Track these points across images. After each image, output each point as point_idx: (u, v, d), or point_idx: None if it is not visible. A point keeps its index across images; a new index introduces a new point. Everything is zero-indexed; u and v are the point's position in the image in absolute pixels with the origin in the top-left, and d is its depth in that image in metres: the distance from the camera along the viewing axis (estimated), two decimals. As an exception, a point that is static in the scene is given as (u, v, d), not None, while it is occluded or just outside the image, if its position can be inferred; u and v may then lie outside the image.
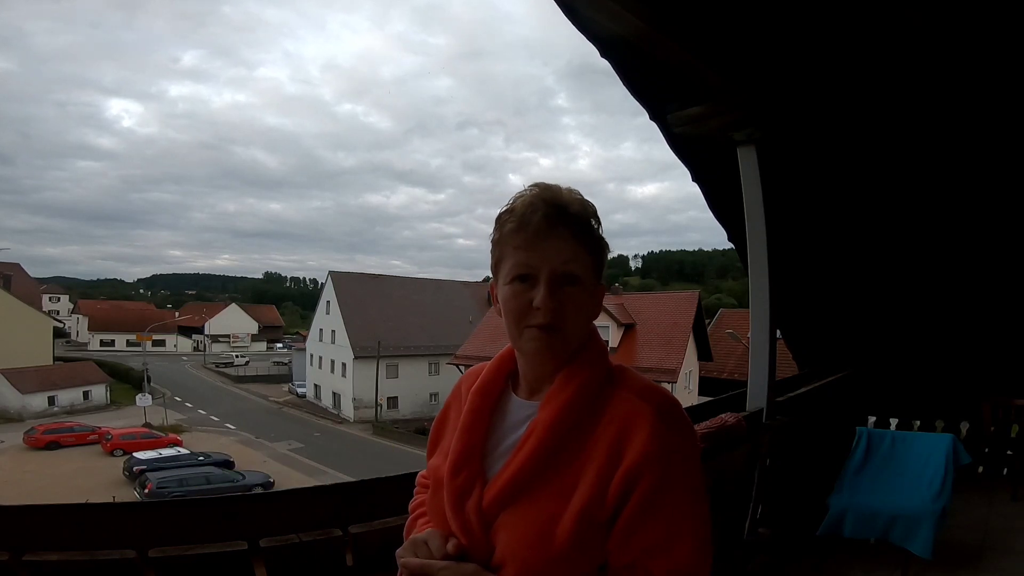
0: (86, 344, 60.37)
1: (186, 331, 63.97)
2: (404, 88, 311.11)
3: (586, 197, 0.87)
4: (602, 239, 0.88)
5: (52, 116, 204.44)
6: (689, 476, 0.81)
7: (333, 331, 35.46)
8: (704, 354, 22.09)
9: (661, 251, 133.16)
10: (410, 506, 1.05)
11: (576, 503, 0.78)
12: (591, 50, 2.58)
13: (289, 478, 20.39)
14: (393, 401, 33.28)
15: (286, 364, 48.13)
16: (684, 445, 0.82)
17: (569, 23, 2.36)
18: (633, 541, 0.79)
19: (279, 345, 68.49)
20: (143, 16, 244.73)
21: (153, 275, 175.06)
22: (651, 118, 3.02)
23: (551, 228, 0.82)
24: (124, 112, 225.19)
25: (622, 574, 0.80)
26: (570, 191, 0.87)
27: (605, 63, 2.67)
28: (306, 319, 54.93)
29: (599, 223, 0.88)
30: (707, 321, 23.27)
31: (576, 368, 0.86)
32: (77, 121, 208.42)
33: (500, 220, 0.87)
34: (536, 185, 0.87)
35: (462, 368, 24.44)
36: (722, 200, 3.60)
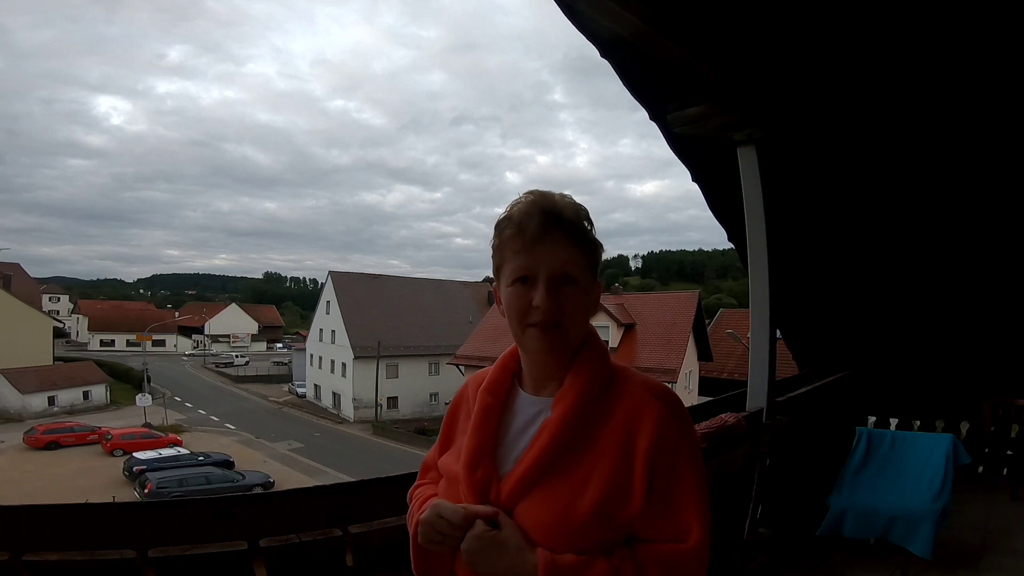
0: (86, 344, 60.30)
1: (186, 331, 63.89)
2: (396, 83, 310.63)
3: (584, 195, 0.92)
4: (595, 240, 0.94)
5: (39, 113, 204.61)
6: (697, 464, 0.88)
7: (333, 331, 35.43)
8: (704, 354, 22.08)
9: (661, 251, 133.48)
10: (410, 492, 1.08)
11: (592, 493, 0.84)
12: (587, 44, 2.58)
13: (289, 478, 20.36)
14: (393, 401, 33.27)
15: (286, 364, 48.06)
16: (688, 438, 0.89)
17: (564, 16, 2.36)
18: (650, 527, 0.85)
19: (279, 345, 68.37)
20: (123, 10, 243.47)
21: (153, 275, 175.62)
22: (651, 118, 3.02)
23: (547, 233, 0.88)
24: (112, 109, 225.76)
25: (632, 556, 0.84)
26: (562, 196, 0.93)
27: (602, 58, 2.67)
28: (306, 319, 54.92)
29: (592, 225, 0.94)
30: (707, 321, 23.26)
31: (581, 366, 0.92)
32: (64, 118, 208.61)
33: (499, 227, 0.93)
34: (531, 192, 0.93)
35: (462, 368, 24.42)
36: (722, 200, 3.60)
